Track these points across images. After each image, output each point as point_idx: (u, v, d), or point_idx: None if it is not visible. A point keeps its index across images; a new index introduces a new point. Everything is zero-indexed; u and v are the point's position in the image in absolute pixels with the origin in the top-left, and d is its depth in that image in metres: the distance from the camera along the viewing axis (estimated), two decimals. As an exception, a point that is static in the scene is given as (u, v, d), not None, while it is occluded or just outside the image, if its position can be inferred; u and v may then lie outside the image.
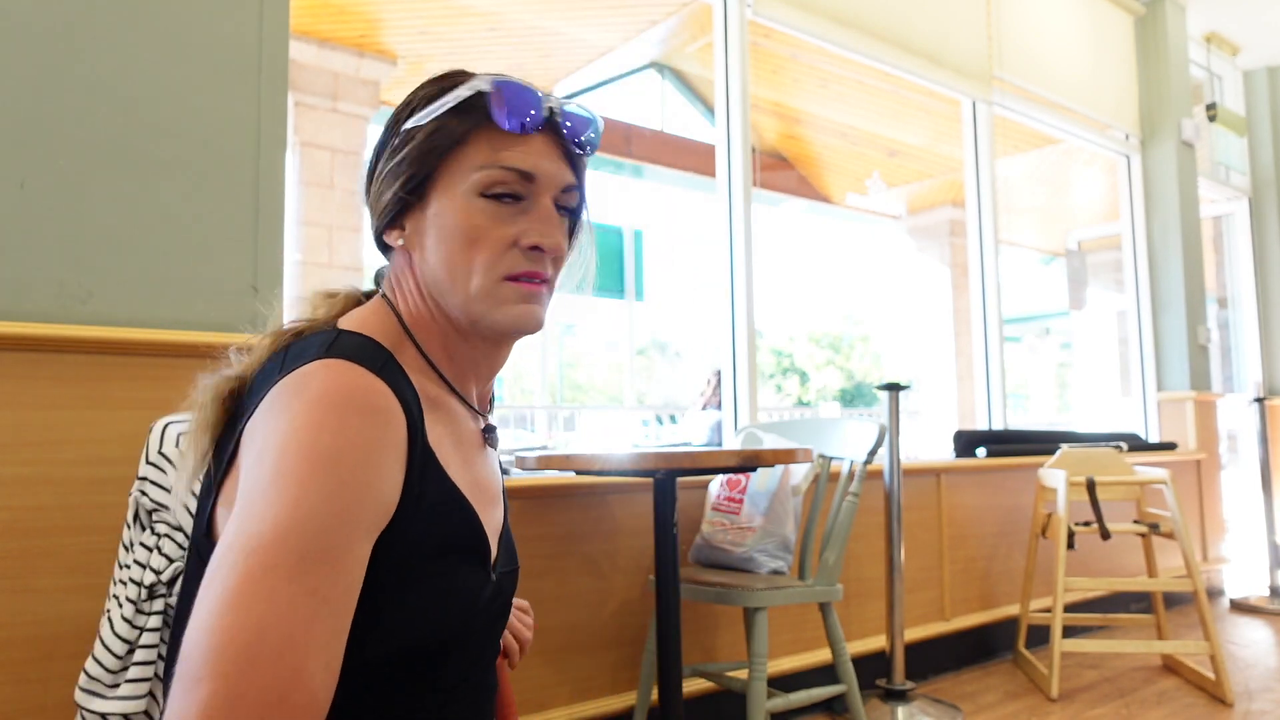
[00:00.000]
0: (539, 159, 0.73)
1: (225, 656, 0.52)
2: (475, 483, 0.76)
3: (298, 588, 0.56)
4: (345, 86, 5.19)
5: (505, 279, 0.72)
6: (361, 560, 0.61)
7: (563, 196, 0.75)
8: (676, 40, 6.32)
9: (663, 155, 7.27)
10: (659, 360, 15.36)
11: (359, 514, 0.61)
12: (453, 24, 5.17)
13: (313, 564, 0.57)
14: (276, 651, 0.53)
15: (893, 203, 8.79)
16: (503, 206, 0.72)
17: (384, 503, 0.64)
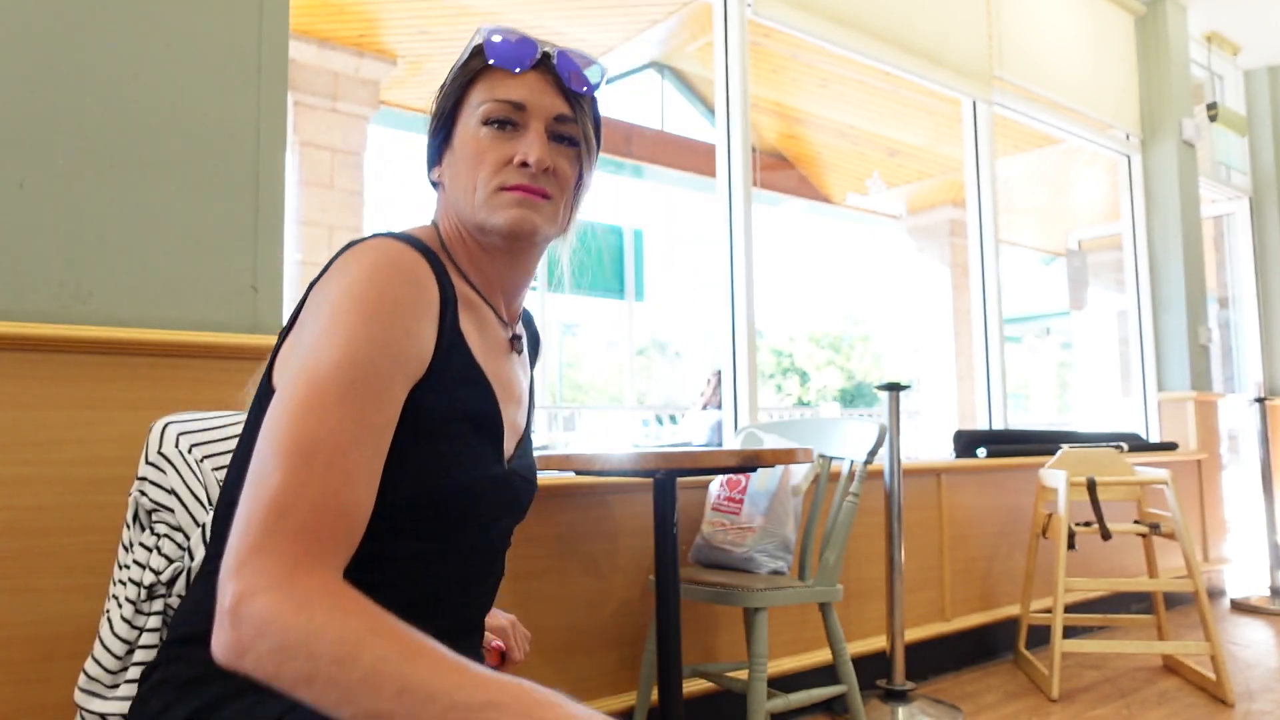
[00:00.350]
0: (530, 92, 0.85)
1: (291, 454, 0.65)
2: (498, 376, 0.87)
3: (346, 411, 0.68)
4: (345, 86, 5.19)
5: (500, 189, 0.84)
6: (398, 400, 0.73)
7: (556, 125, 0.87)
8: (676, 40, 6.32)
9: (663, 155, 7.26)
10: (659, 360, 15.36)
11: (398, 358, 0.73)
12: (452, 24, 5.17)
13: (359, 393, 0.69)
14: (329, 458, 0.66)
15: (893, 203, 8.80)
16: (501, 133, 0.85)
17: (419, 355, 0.76)
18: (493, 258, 0.89)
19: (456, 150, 0.88)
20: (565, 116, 0.87)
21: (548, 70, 0.87)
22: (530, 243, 0.88)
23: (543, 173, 0.85)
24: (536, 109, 0.86)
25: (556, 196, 0.87)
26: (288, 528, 0.63)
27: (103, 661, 1.12)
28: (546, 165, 0.85)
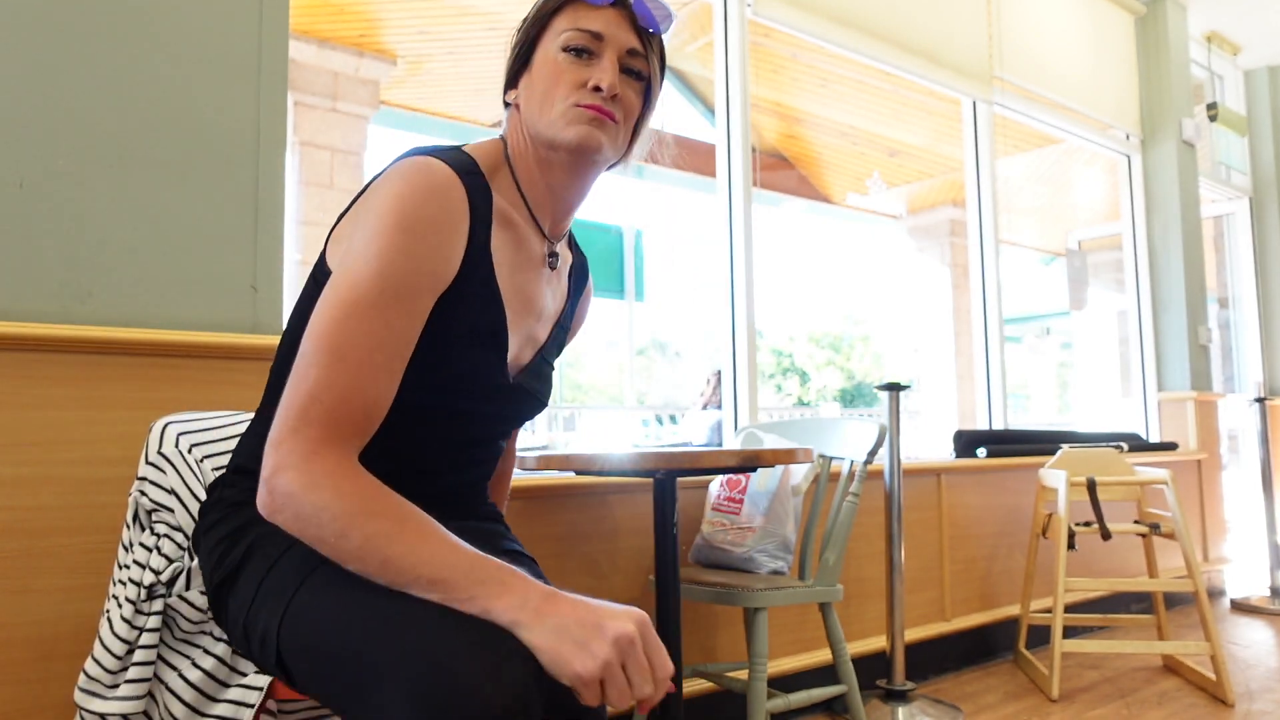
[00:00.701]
0: (607, 24, 0.95)
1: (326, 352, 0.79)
2: (521, 292, 0.98)
3: (376, 318, 0.81)
4: (345, 86, 5.19)
5: (575, 106, 0.93)
6: (424, 310, 0.85)
7: (628, 59, 0.96)
8: (676, 40, 6.32)
9: (663, 155, 7.25)
10: (659, 360, 15.35)
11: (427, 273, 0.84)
12: (453, 23, 5.17)
13: (389, 303, 0.81)
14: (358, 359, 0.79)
15: (893, 203, 8.79)
16: (578, 59, 0.95)
17: (446, 269, 0.87)
18: (554, 172, 0.98)
19: (535, 72, 0.97)
20: (636, 51, 0.97)
21: (625, 8, 0.96)
22: (592, 159, 0.97)
23: (611, 98, 0.95)
24: (612, 41, 0.95)
25: (622, 121, 0.97)
26: (315, 416, 0.78)
27: (103, 661, 1.12)
28: (616, 92, 0.94)
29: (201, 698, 1.14)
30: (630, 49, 0.96)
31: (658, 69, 1.01)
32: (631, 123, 1.00)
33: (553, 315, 1.06)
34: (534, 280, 1.00)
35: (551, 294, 1.05)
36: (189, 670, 1.14)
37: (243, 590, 0.88)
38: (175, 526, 1.18)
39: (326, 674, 0.77)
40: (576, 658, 0.69)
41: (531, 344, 1.02)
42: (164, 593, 1.15)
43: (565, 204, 1.02)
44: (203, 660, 1.16)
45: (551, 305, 1.05)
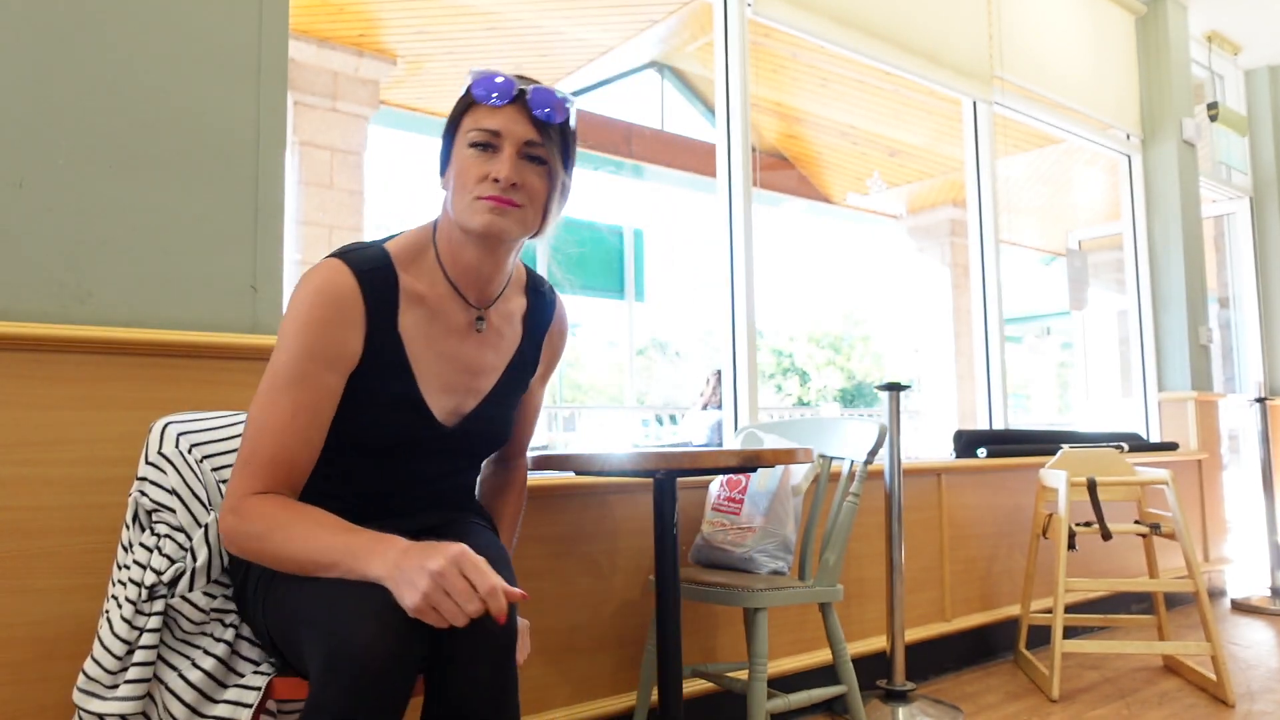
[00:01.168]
0: (505, 122, 1.08)
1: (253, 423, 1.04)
2: (443, 358, 1.14)
3: (286, 395, 1.03)
4: (344, 86, 5.19)
5: (478, 198, 1.08)
6: (331, 385, 1.06)
7: (527, 149, 1.09)
8: (676, 40, 6.32)
9: (663, 155, 7.26)
10: (659, 360, 15.35)
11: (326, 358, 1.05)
12: (452, 23, 5.16)
13: (296, 383, 1.04)
14: (275, 431, 1.03)
15: (893, 202, 8.79)
16: (482, 153, 1.08)
17: (347, 352, 1.06)
18: (470, 252, 1.13)
19: (453, 164, 1.12)
20: (534, 142, 1.09)
21: (522, 104, 1.08)
22: (499, 241, 1.11)
23: (511, 187, 1.07)
24: (510, 135, 1.08)
25: (526, 205, 1.10)
26: (248, 474, 1.03)
27: (102, 662, 1.12)
28: (514, 181, 1.07)
29: (201, 698, 1.14)
30: (528, 140, 1.08)
31: (558, 154, 1.11)
32: (540, 202, 1.11)
33: (497, 366, 1.21)
34: (459, 345, 1.16)
35: (491, 350, 1.20)
36: (189, 670, 1.14)
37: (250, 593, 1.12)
38: (177, 527, 1.17)
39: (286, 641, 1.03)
40: (408, 592, 0.89)
41: (473, 394, 1.18)
42: (165, 593, 1.15)
43: (485, 277, 1.16)
44: (203, 661, 1.15)
45: (492, 359, 1.20)
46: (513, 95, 1.08)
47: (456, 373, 1.16)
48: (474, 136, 1.09)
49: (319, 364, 1.05)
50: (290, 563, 0.98)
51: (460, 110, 1.12)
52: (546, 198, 1.12)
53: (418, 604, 0.89)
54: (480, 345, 1.18)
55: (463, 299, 1.16)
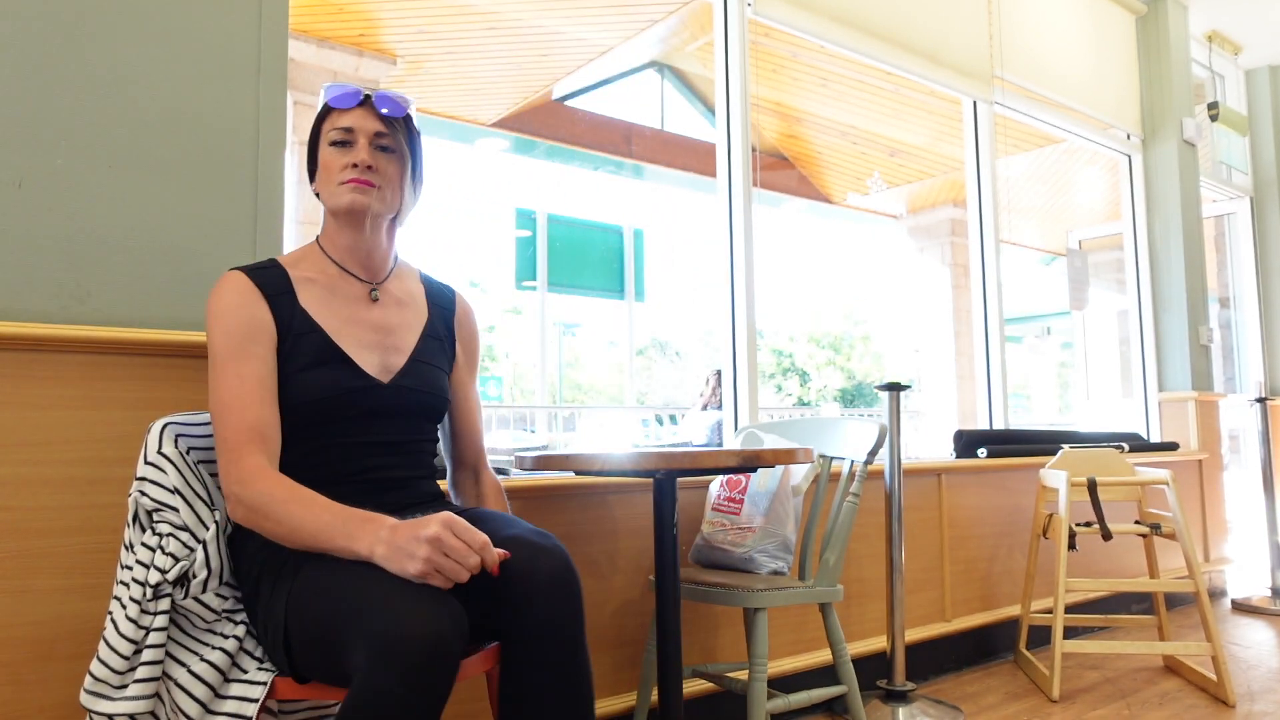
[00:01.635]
0: (356, 120, 1.27)
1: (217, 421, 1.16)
2: (349, 319, 1.27)
3: (228, 375, 1.17)
4: (345, 86, 5.17)
5: (341, 183, 1.26)
6: (263, 354, 1.19)
7: (378, 140, 1.27)
8: (676, 40, 6.32)
9: (663, 155, 7.26)
10: (659, 360, 15.35)
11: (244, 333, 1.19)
12: (452, 23, 5.16)
13: (231, 361, 1.17)
14: (229, 401, 1.16)
15: (893, 202, 8.79)
16: (342, 149, 1.27)
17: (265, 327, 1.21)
18: (345, 234, 1.30)
19: (320, 166, 1.29)
20: (382, 133, 1.27)
21: (369, 105, 1.28)
22: (364, 216, 1.27)
23: (367, 169, 1.25)
24: (361, 130, 1.27)
25: (383, 186, 1.27)
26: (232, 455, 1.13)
27: (109, 662, 1.12)
28: (370, 164, 1.25)
29: (212, 694, 1.14)
30: (377, 132, 1.27)
31: (404, 143, 1.30)
32: (395, 183, 1.29)
33: (410, 327, 1.33)
34: (363, 311, 1.29)
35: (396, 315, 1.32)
36: (196, 664, 1.14)
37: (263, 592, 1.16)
38: (180, 526, 1.17)
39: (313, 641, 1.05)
40: (409, 563, 0.99)
41: (396, 351, 1.29)
42: (170, 592, 1.15)
43: (365, 252, 1.31)
44: (210, 654, 1.15)
45: (399, 321, 1.32)
46: (360, 98, 1.28)
47: (368, 331, 1.28)
48: (333, 135, 1.27)
49: (243, 339, 1.18)
50: (291, 537, 1.08)
51: (319, 120, 1.30)
52: (400, 180, 1.29)
53: (421, 570, 0.99)
54: (383, 310, 1.31)
55: (352, 275, 1.31)
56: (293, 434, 1.21)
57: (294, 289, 1.25)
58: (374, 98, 1.28)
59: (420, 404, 1.29)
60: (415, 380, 1.29)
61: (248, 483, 1.11)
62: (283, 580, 1.12)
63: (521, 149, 6.90)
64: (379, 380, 1.25)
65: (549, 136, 6.60)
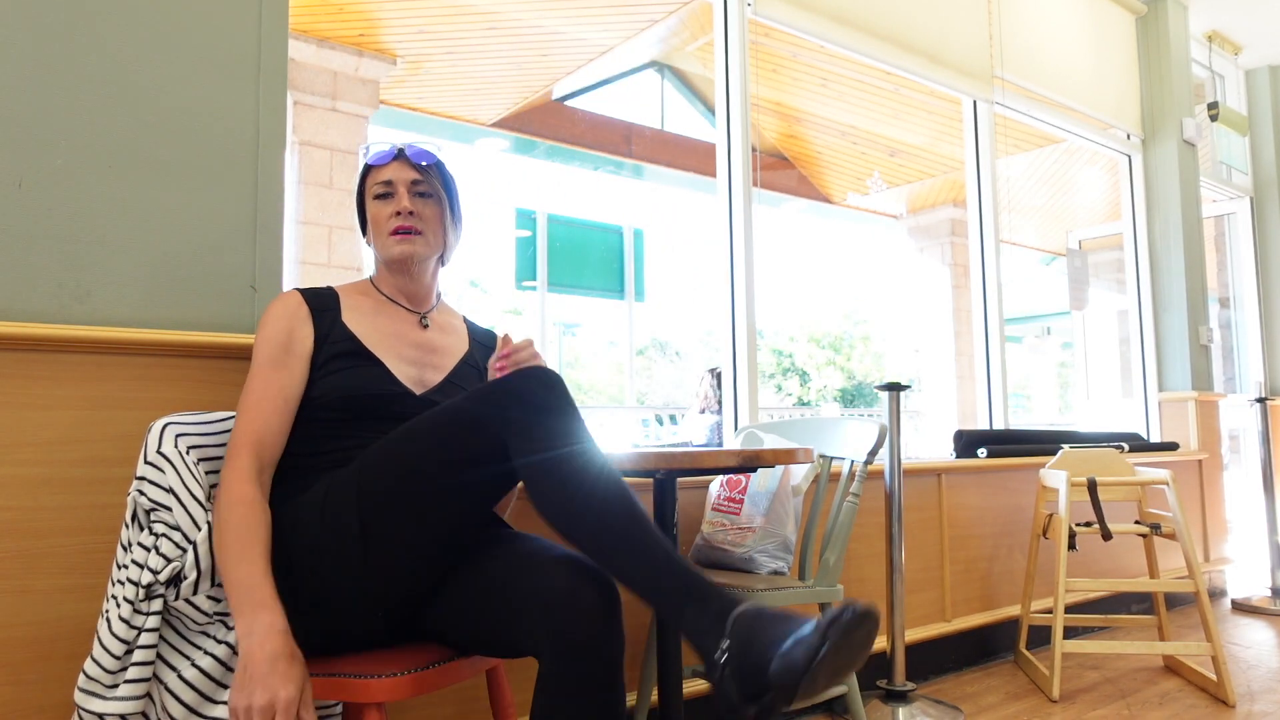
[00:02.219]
0: (394, 173, 1.39)
1: (240, 406, 1.25)
2: (391, 336, 1.37)
3: (259, 381, 1.26)
4: (344, 86, 5.19)
5: (389, 234, 1.38)
6: (295, 368, 1.29)
7: (414, 188, 1.39)
8: (676, 39, 6.32)
9: (663, 155, 7.26)
10: (659, 360, 15.35)
11: (283, 345, 1.29)
12: (452, 23, 5.16)
13: (265, 366, 1.27)
14: (250, 402, 1.24)
15: (893, 203, 8.79)
16: (385, 201, 1.39)
17: (301, 340, 1.31)
18: (398, 278, 1.42)
19: (369, 223, 1.41)
20: (418, 181, 1.39)
21: (403, 158, 1.39)
22: (412, 263, 1.39)
23: (409, 215, 1.37)
24: (400, 181, 1.38)
25: (425, 230, 1.38)
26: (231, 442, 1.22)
27: (102, 662, 1.12)
28: (411, 210, 1.37)
29: (200, 699, 1.14)
30: (413, 180, 1.38)
31: (440, 187, 1.40)
32: (436, 225, 1.40)
33: (452, 351, 1.42)
34: (408, 330, 1.39)
35: (440, 338, 1.42)
36: (187, 670, 1.14)
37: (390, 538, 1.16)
38: (174, 526, 1.17)
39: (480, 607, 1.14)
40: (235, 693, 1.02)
41: (433, 369, 1.38)
42: (163, 592, 1.15)
43: (413, 292, 1.42)
44: (201, 660, 1.15)
45: (443, 344, 1.42)
46: (395, 154, 1.40)
47: (409, 348, 1.37)
48: (376, 190, 1.39)
49: (280, 350, 1.28)
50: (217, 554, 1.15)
51: (361, 180, 1.42)
52: (440, 221, 1.40)
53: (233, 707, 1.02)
54: (430, 334, 1.41)
55: (401, 306, 1.42)
56: (324, 428, 1.27)
57: (340, 308, 1.36)
58: (407, 151, 1.40)
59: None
60: (444, 397, 1.34)
61: (226, 485, 1.17)
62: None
63: (521, 149, 6.90)
64: (412, 391, 1.32)
65: (549, 136, 6.60)
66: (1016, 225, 8.02)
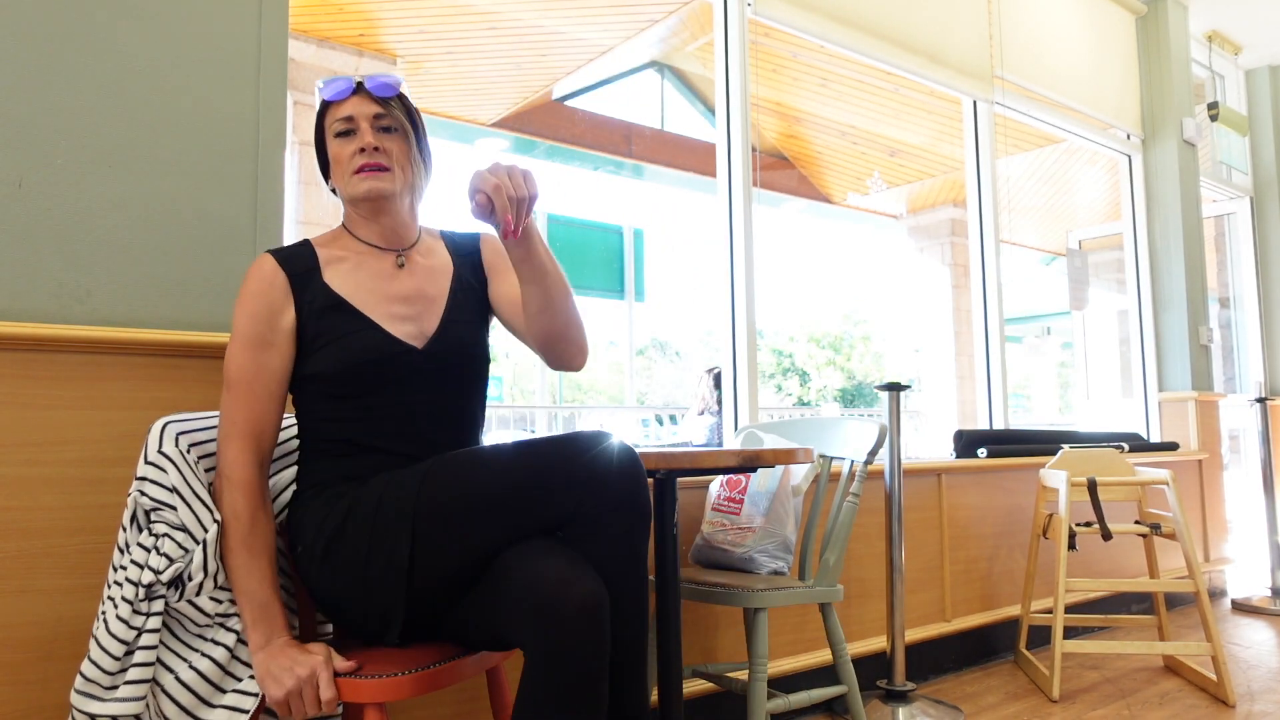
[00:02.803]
0: (354, 108, 1.29)
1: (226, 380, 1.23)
2: (375, 292, 1.30)
3: (244, 355, 1.24)
4: (345, 86, 5.17)
5: (354, 173, 1.29)
6: (279, 347, 1.26)
7: (377, 122, 1.30)
8: (676, 39, 6.32)
9: (663, 155, 7.26)
10: (659, 360, 15.35)
11: (266, 322, 1.25)
12: (452, 22, 5.16)
13: (248, 345, 1.24)
14: (236, 380, 1.23)
15: (893, 203, 8.79)
16: (347, 139, 1.31)
17: (282, 312, 1.26)
18: (366, 217, 1.34)
19: (331, 160, 1.33)
20: (380, 114, 1.30)
21: (363, 92, 1.30)
22: (382, 199, 1.30)
23: (375, 151, 1.28)
24: (361, 116, 1.29)
25: (393, 165, 1.30)
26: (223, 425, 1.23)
27: (100, 663, 1.12)
28: (376, 145, 1.28)
29: (197, 701, 1.14)
30: (376, 114, 1.30)
31: (404, 119, 1.32)
32: (404, 159, 1.32)
33: (439, 290, 1.35)
34: (389, 283, 1.32)
35: (423, 281, 1.34)
36: (184, 672, 1.14)
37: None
38: (177, 526, 1.17)
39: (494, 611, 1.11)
40: (271, 688, 1.10)
41: (428, 316, 1.31)
42: (164, 593, 1.14)
43: (390, 230, 1.35)
44: (199, 663, 1.15)
45: (428, 287, 1.34)
46: (354, 87, 1.30)
47: (396, 303, 1.31)
48: (337, 127, 1.30)
49: (263, 327, 1.24)
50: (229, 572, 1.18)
51: (320, 117, 1.34)
52: (407, 155, 1.32)
53: (276, 698, 1.10)
54: (410, 278, 1.34)
55: (377, 249, 1.35)
56: (330, 402, 1.25)
57: (319, 269, 1.30)
58: (367, 83, 1.31)
59: (459, 366, 1.31)
60: (452, 341, 1.31)
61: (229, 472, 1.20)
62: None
63: (521, 149, 6.90)
64: (414, 345, 1.28)
65: (549, 136, 6.59)
66: (1016, 225, 8.02)
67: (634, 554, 1.14)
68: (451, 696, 1.66)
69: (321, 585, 1.19)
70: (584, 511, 1.13)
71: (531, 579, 1.05)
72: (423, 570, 1.13)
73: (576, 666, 1.01)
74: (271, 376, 1.24)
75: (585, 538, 1.13)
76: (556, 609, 1.01)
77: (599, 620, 1.03)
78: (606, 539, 1.12)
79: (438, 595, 1.15)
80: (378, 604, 1.15)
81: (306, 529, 1.22)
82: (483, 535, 1.12)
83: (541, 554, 1.08)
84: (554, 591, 1.02)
